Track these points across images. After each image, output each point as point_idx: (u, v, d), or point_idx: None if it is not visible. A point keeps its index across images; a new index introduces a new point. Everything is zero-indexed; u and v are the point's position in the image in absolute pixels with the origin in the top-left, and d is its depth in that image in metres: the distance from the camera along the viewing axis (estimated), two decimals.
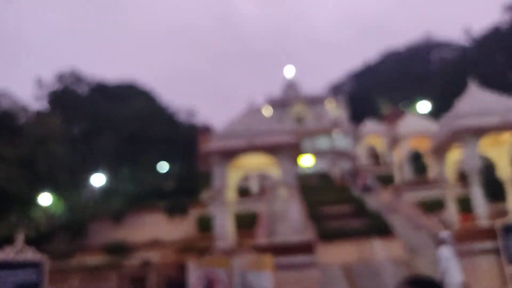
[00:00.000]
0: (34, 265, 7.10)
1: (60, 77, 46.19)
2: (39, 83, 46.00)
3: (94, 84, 49.76)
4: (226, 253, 7.54)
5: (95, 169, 42.96)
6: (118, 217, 28.55)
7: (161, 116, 48.02)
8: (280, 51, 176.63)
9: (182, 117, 63.73)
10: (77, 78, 46.90)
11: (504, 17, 43.52)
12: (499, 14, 44.92)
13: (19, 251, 6.50)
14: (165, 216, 27.24)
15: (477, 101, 13.49)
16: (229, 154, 14.99)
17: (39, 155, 28.49)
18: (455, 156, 15.35)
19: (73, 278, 16.44)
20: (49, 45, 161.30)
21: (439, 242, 9.01)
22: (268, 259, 7.25)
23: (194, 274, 7.74)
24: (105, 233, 28.06)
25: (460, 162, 16.34)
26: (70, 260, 23.43)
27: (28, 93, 46.41)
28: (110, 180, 47.48)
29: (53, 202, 31.72)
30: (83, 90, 47.23)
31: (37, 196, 29.32)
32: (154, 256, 21.24)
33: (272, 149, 14.72)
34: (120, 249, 23.41)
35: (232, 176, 16.56)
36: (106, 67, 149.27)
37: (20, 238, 7.08)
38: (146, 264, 20.42)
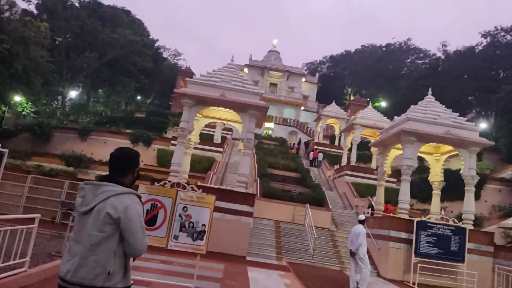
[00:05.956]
0: None
1: None
2: None
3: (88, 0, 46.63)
4: (175, 185, 7.76)
5: (71, 83, 41.28)
6: (83, 133, 27.93)
7: (147, 49, 46.00)
8: (272, 15, 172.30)
9: (166, 55, 61.78)
10: None
11: (480, 41, 44.29)
12: (476, 37, 45.32)
13: None
14: (129, 143, 26.93)
15: (429, 111, 14.05)
16: (201, 102, 14.93)
17: (18, 55, 26.82)
18: (394, 153, 16.13)
19: (27, 178, 16.17)
20: None
21: (359, 221, 9.78)
22: (211, 199, 7.51)
23: (142, 197, 7.96)
24: (68, 145, 27.52)
25: (396, 159, 17.23)
26: (29, 161, 22.97)
27: None
28: (83, 97, 45.92)
29: (23, 103, 30.43)
30: (74, 2, 44.10)
31: (9, 94, 27.94)
32: None
33: (240, 107, 14.79)
34: (78, 162, 23.15)
35: (198, 121, 16.64)
36: None
37: None
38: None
